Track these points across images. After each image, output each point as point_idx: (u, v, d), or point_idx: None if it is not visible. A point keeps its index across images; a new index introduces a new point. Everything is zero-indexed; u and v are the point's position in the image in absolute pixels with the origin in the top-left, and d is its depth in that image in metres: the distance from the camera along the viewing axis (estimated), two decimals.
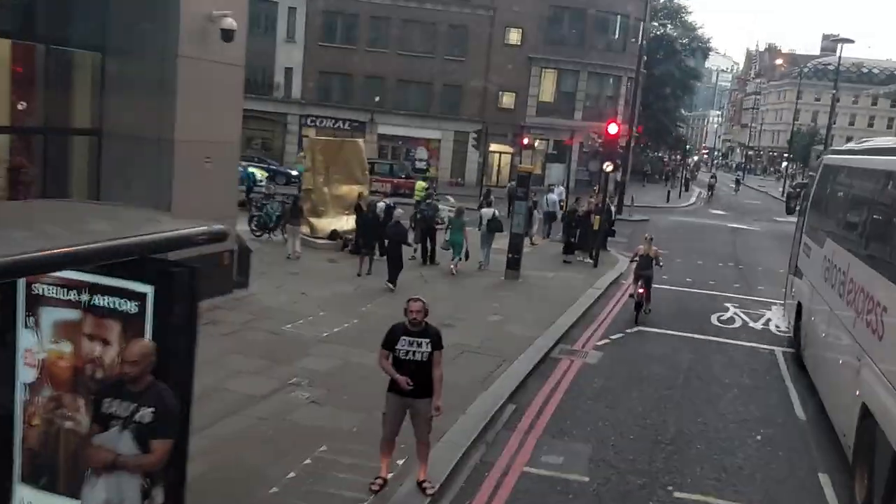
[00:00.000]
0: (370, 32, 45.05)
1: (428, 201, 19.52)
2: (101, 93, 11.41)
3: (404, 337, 6.75)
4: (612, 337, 13.68)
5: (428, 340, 6.77)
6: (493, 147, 46.46)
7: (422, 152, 47.29)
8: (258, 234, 20.21)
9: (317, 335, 11.53)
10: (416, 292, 7.67)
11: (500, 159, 46.94)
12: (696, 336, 14.32)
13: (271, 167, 37.61)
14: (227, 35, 11.48)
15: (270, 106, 44.53)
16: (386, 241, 16.20)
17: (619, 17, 45.81)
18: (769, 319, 16.21)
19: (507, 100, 46.68)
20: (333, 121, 45.57)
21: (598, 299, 16.80)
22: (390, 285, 15.17)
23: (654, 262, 15.04)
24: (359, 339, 11.19)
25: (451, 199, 24.70)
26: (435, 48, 45.27)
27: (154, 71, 11.17)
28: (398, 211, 17.12)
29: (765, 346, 14.00)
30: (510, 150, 45.48)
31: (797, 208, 15.06)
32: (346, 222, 19.41)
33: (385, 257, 15.93)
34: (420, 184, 25.88)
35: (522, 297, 16.00)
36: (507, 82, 46.00)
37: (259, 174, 36.16)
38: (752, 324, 15.77)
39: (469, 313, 13.94)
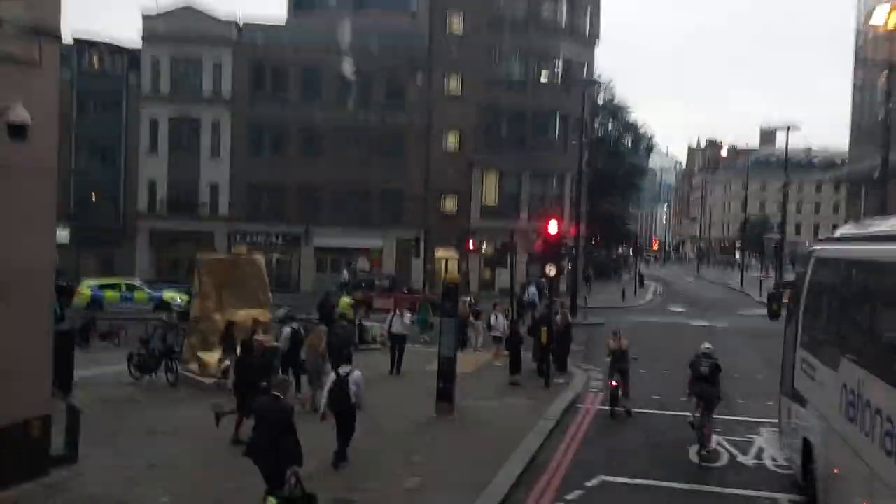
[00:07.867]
0: (300, 142, 42.95)
1: (343, 323, 16.26)
2: None
3: None
4: (569, 497, 10.35)
5: None
6: (440, 253, 44.12)
7: (363, 262, 44.63)
8: (137, 376, 16.64)
9: None
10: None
11: (446, 265, 44.28)
12: (675, 486, 11.07)
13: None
14: (17, 131, 8.48)
15: (196, 225, 41.54)
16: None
17: (557, 115, 44.68)
18: (762, 449, 13.06)
19: (450, 204, 44.62)
20: (265, 235, 42.70)
21: (551, 434, 13.58)
22: None
23: (626, 355, 15.29)
24: None
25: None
26: (371, 155, 43.30)
27: None
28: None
29: (765, 496, 10.79)
30: (456, 255, 43.11)
31: (780, 313, 12.25)
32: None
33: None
34: (344, 300, 22.64)
35: (454, 443, 12.65)
36: (449, 186, 44.09)
37: (180, 298, 32.83)
38: (741, 457, 12.62)
39: (380, 475, 10.57)
